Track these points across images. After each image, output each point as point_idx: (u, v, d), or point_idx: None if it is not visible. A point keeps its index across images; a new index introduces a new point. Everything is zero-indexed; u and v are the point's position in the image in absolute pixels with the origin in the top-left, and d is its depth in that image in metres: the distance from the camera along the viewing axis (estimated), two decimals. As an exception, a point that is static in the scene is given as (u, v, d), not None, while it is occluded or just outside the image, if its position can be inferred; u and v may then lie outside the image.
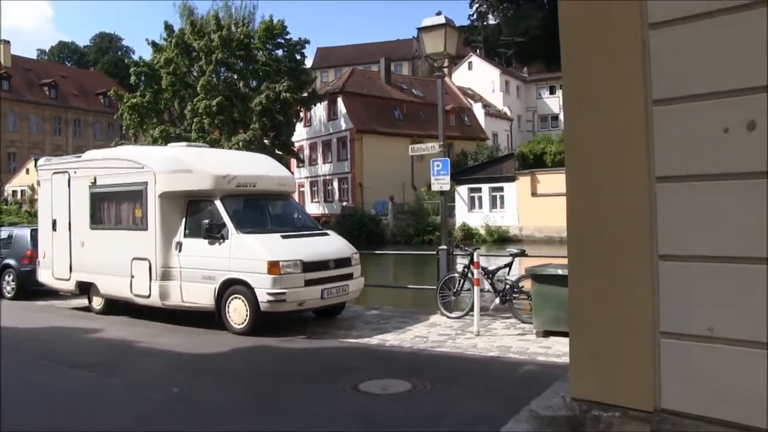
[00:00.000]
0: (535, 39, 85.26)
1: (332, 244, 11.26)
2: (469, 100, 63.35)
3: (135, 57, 65.47)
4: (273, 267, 9.93)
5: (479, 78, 67.18)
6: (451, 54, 11.57)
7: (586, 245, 2.91)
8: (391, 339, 9.93)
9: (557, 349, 8.81)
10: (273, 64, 46.80)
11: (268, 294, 9.88)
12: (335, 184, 55.61)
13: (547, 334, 9.58)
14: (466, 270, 11.25)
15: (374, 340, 9.92)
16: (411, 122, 55.20)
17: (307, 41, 48.82)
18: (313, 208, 56.32)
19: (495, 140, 63.10)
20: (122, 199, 11.73)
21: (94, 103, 78.84)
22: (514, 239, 44.12)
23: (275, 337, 10.01)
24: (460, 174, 48.59)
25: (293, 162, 53.16)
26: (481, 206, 47.05)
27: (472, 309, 10.72)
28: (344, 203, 52.98)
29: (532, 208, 44.00)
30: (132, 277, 11.27)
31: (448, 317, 11.31)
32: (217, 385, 7.44)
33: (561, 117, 68.86)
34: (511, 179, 45.51)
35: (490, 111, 64.30)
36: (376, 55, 67.41)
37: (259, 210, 11.64)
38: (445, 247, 12.10)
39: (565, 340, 8.67)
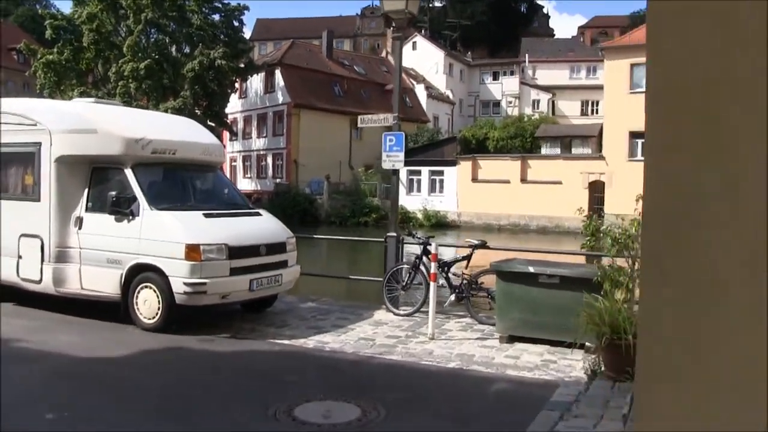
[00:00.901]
0: (480, 24, 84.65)
1: (264, 226, 9.65)
2: (412, 80, 62.01)
3: (54, 9, 61.44)
4: (192, 251, 8.29)
5: (423, 59, 65.92)
6: (412, 13, 10.01)
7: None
8: (330, 341, 8.44)
9: (527, 360, 7.57)
10: (208, 29, 44.27)
11: (186, 284, 8.24)
12: (269, 159, 53.53)
13: (512, 339, 8.31)
14: (418, 261, 9.87)
15: (311, 341, 8.41)
16: (351, 100, 53.56)
17: (246, 8, 46.42)
18: (245, 184, 54.24)
19: (436, 123, 62.11)
20: (9, 163, 9.75)
21: (5, 59, 73.57)
22: (452, 225, 43.31)
23: (193, 336, 8.39)
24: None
25: (226, 135, 50.86)
26: (419, 190, 46.01)
27: (423, 306, 9.53)
28: (278, 180, 51.03)
29: (472, 193, 43.16)
30: (19, 257, 9.38)
31: (396, 314, 9.93)
32: (108, 405, 5.78)
33: (503, 104, 68.31)
34: (452, 163, 44.55)
35: (433, 93, 63.22)
36: (318, 30, 65.14)
37: (179, 182, 9.90)
38: (394, 234, 10.65)
39: (535, 348, 7.51)
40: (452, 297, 9.52)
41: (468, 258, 9.79)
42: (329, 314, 10.09)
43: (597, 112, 65.26)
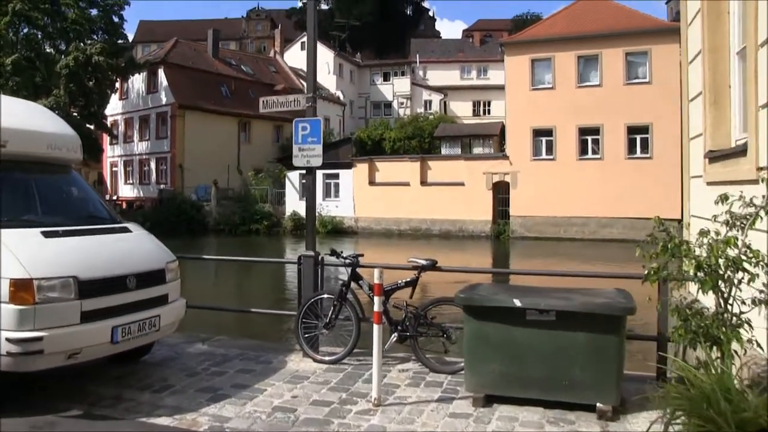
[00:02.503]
0: (367, 25, 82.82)
1: (134, 248, 6.81)
2: (302, 81, 59.08)
3: None
4: (20, 290, 5.48)
5: (312, 58, 63.08)
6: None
7: None
8: (233, 416, 5.77)
9: (525, 438, 5.16)
10: (85, 24, 40.10)
11: (11, 341, 5.40)
12: (152, 164, 49.38)
13: (489, 400, 5.91)
14: (344, 289, 7.43)
15: (204, 418, 5.70)
16: (239, 101, 50.30)
17: (126, 2, 42.44)
18: (127, 191, 50.04)
19: (327, 125, 59.41)
20: None
21: None
22: (350, 231, 41.05)
23: (21, 417, 5.48)
24: (291, 159, 44.78)
25: (105, 138, 46.46)
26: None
27: (353, 349, 7.32)
28: (162, 186, 47.04)
29: (370, 197, 40.97)
30: None
31: (317, 360, 7.41)
32: None
33: (394, 105, 66.56)
34: (348, 166, 42.17)
35: (323, 94, 60.55)
36: (203, 33, 60.81)
37: (12, 186, 6.86)
38: (311, 253, 8.05)
39: (527, 415, 5.22)
40: (394, 337, 7.14)
41: (413, 283, 7.32)
42: (227, 364, 7.41)
43: (489, 113, 64.91)
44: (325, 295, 7.62)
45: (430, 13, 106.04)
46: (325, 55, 64.17)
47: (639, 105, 36.40)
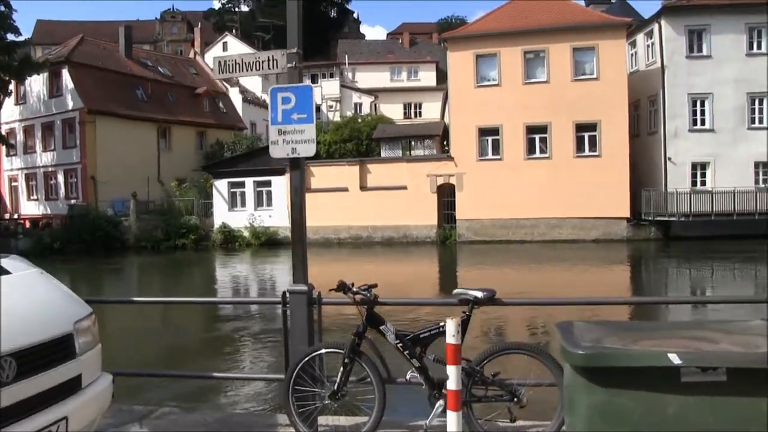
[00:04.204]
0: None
1: (15, 305, 3.84)
2: (225, 84, 55.88)
3: None
4: None
5: (235, 60, 59.88)
6: None
7: None
8: None
9: None
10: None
11: None
12: (60, 177, 45.00)
13: None
14: (357, 340, 5.03)
15: None
16: (157, 105, 46.68)
17: (17, -8, 38.19)
18: (31, 208, 45.59)
19: (254, 129, 56.59)
20: None
21: None
22: (285, 242, 38.08)
23: None
24: (218, 166, 42.26)
25: (2, 149, 41.92)
26: (244, 204, 40.53)
27: (377, 425, 4.89)
28: (73, 201, 42.75)
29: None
30: None
31: (319, 444, 5.04)
32: None
33: (323, 108, 63.88)
34: (281, 172, 39.25)
35: (249, 97, 57.56)
36: (111, 35, 56.30)
37: None
38: (304, 287, 5.40)
39: None
40: (440, 406, 4.74)
41: (463, 326, 4.77)
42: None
43: (420, 115, 63.29)
44: (327, 350, 5.21)
45: (355, 16, 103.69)
46: (249, 57, 61.26)
47: (587, 102, 35.32)
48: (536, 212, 35.69)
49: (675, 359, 3.39)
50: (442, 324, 4.77)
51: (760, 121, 36.02)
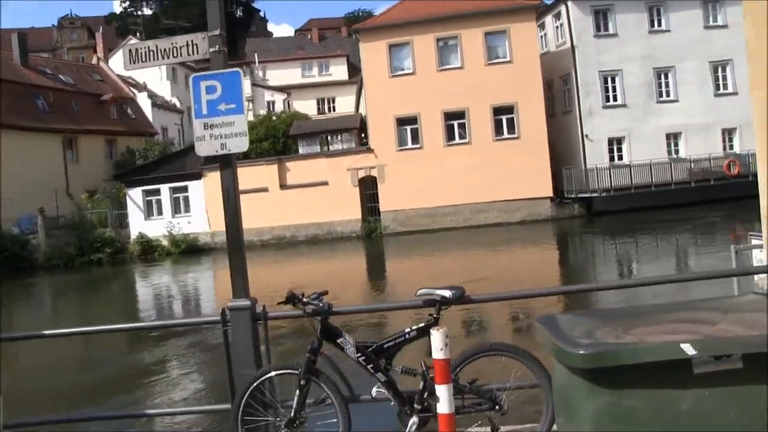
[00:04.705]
0: (198, 28, 77.95)
1: None
2: (132, 89, 53.79)
3: None
4: None
5: (141, 64, 57.68)
6: None
7: None
8: None
9: None
10: None
11: None
12: (-43, 197, 42.15)
13: None
14: (312, 357, 4.42)
15: None
16: (61, 114, 44.40)
17: None
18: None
19: (165, 135, 54.68)
20: None
21: None
22: (207, 248, 37.05)
23: None
24: (131, 174, 40.48)
25: None
26: (161, 212, 38.93)
27: None
28: (-26, 222, 40.10)
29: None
30: None
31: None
32: None
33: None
34: (197, 176, 38.04)
35: (158, 102, 55.58)
36: (4, 45, 52.86)
37: None
38: (245, 302, 4.86)
39: None
40: (413, 424, 4.24)
41: (427, 331, 4.31)
42: None
43: (334, 109, 62.74)
44: (278, 372, 4.57)
45: (261, 14, 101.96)
46: (155, 60, 59.13)
47: (502, 85, 35.64)
48: (460, 198, 35.65)
49: (689, 350, 2.97)
50: (407, 330, 4.38)
51: (668, 95, 37.25)
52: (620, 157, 36.64)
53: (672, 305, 3.96)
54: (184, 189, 38.54)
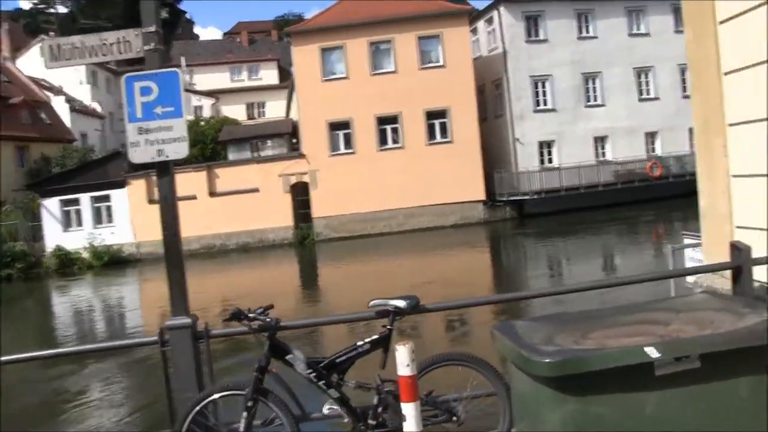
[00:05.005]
0: (118, 29, 76.07)
1: None
2: (47, 93, 51.84)
3: None
4: None
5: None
6: None
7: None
8: None
9: None
10: None
11: None
12: None
13: None
14: (260, 376, 4.23)
15: None
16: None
17: None
18: None
19: (84, 141, 52.80)
20: None
21: None
22: (131, 259, 36.04)
23: None
24: (46, 183, 38.93)
25: None
26: (80, 223, 37.64)
27: None
28: None
29: (152, 218, 35.50)
30: None
31: None
32: None
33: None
34: (120, 185, 37.01)
35: (76, 106, 53.67)
36: None
37: None
38: (185, 320, 4.65)
39: None
40: None
41: (384, 342, 4.29)
42: None
43: (264, 114, 62.13)
44: (223, 393, 4.32)
45: (187, 17, 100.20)
46: (73, 63, 57.14)
47: (435, 89, 36.07)
48: (394, 203, 35.82)
49: (653, 353, 3.03)
50: (360, 343, 4.29)
51: (595, 99, 38.47)
52: (550, 160, 37.62)
53: (625, 307, 4.00)
54: (106, 198, 37.36)
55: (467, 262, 26.68)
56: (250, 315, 4.22)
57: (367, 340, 4.26)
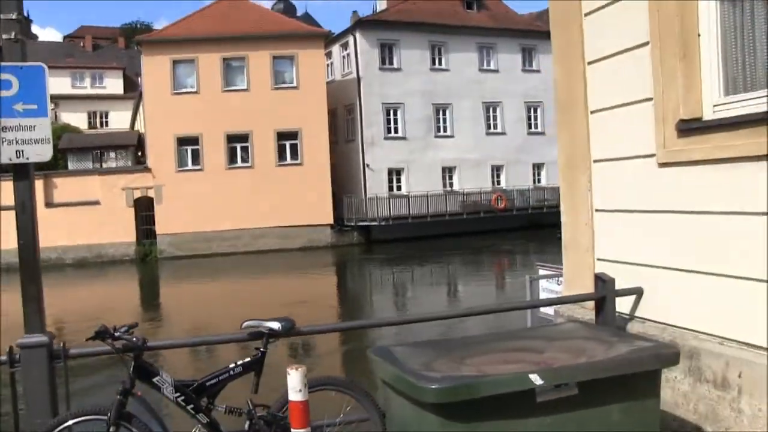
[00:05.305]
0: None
1: None
2: None
3: None
4: None
5: None
6: None
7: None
8: None
9: None
10: None
11: None
12: None
13: None
14: (123, 399, 3.91)
15: None
16: None
17: None
18: None
19: None
20: None
21: None
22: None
23: None
24: None
25: None
26: None
27: None
28: None
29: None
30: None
31: None
32: None
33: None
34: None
35: None
36: None
37: None
38: (40, 338, 4.24)
39: None
40: None
41: (257, 365, 4.18)
42: None
43: (107, 124, 59.81)
44: (81, 419, 4.01)
45: (25, 14, 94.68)
46: None
47: (287, 110, 36.43)
48: (240, 223, 35.82)
49: (536, 380, 3.21)
50: (232, 366, 4.17)
51: (445, 130, 40.21)
52: (399, 188, 38.80)
53: (499, 335, 4.31)
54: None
55: (312, 286, 26.99)
56: (116, 334, 3.96)
57: (239, 362, 4.14)
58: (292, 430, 3.46)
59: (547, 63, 41.92)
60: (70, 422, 3.88)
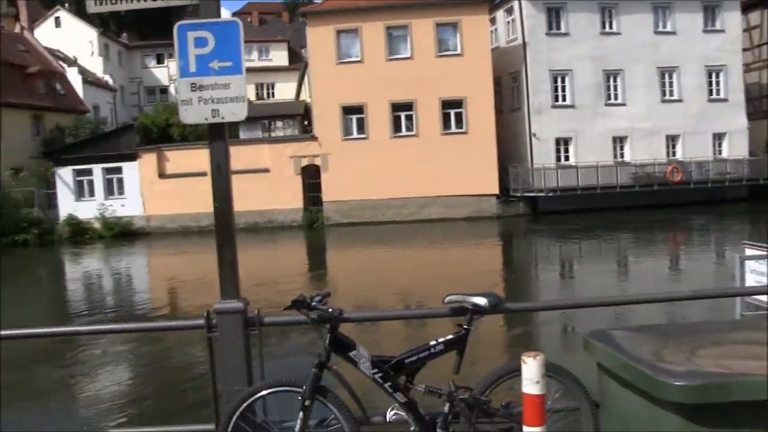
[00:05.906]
0: (146, 10, 75.33)
1: None
2: (62, 63, 51.57)
3: None
4: None
5: (71, 38, 56.27)
6: None
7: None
8: None
9: None
10: None
11: None
12: None
13: None
14: (319, 372, 3.77)
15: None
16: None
17: None
18: None
19: (97, 113, 52.70)
20: None
21: None
22: (140, 232, 36.33)
23: None
24: (61, 153, 39.44)
25: None
26: (93, 193, 38.22)
27: None
28: None
29: (162, 192, 36.63)
30: None
31: None
32: None
33: (171, 90, 60.80)
34: (132, 157, 37.29)
35: (89, 78, 53.37)
36: None
37: None
38: (236, 303, 4.17)
39: None
40: None
41: (460, 344, 3.85)
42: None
43: (273, 95, 61.63)
44: (276, 389, 3.87)
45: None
46: (87, 34, 57.26)
47: (452, 78, 36.12)
48: (405, 192, 35.87)
49: None
50: (433, 343, 3.86)
51: (615, 98, 37.98)
52: (567, 158, 37.28)
53: (721, 324, 3.68)
54: (118, 170, 37.66)
55: (480, 257, 26.18)
56: (312, 304, 3.78)
57: (441, 340, 3.83)
58: (524, 427, 3.08)
59: (732, 21, 38.33)
60: (265, 392, 3.84)
